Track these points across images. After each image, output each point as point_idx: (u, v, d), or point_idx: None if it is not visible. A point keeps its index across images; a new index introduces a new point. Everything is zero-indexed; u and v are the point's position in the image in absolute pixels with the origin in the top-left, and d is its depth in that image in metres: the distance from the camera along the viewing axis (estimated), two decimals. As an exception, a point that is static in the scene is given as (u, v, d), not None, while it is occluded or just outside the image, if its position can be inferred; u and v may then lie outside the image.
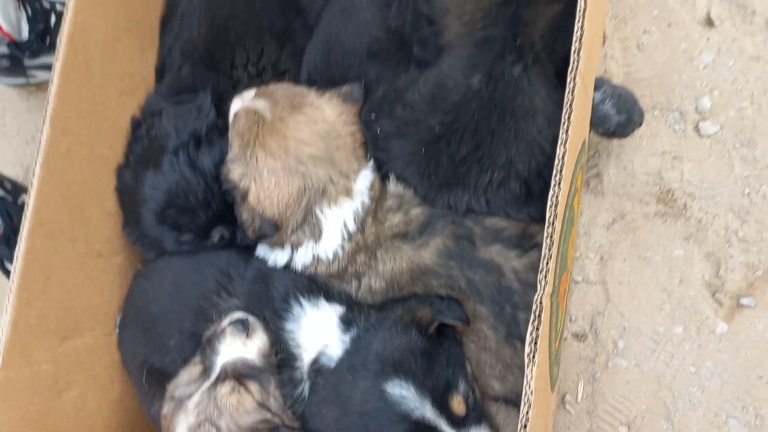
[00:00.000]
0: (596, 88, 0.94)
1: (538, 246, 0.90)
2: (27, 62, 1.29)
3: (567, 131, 0.73)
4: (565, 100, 0.72)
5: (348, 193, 0.95)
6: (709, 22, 1.08)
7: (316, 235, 0.96)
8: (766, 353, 1.01)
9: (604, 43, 1.12)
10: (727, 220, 1.04)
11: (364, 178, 0.95)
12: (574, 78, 0.73)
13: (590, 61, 0.82)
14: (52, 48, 1.31)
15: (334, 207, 0.95)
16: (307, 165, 0.93)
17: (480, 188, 0.89)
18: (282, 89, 0.97)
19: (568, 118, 0.72)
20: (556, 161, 0.72)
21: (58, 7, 1.28)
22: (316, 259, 0.97)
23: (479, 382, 0.92)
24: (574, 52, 0.74)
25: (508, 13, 0.88)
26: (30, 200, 0.90)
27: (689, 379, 1.03)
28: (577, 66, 0.73)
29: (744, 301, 1.02)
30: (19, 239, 0.90)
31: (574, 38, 0.74)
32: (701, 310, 1.04)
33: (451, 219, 0.93)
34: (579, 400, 1.08)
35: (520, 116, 0.86)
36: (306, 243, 0.97)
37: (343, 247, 0.95)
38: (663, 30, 1.10)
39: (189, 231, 1.00)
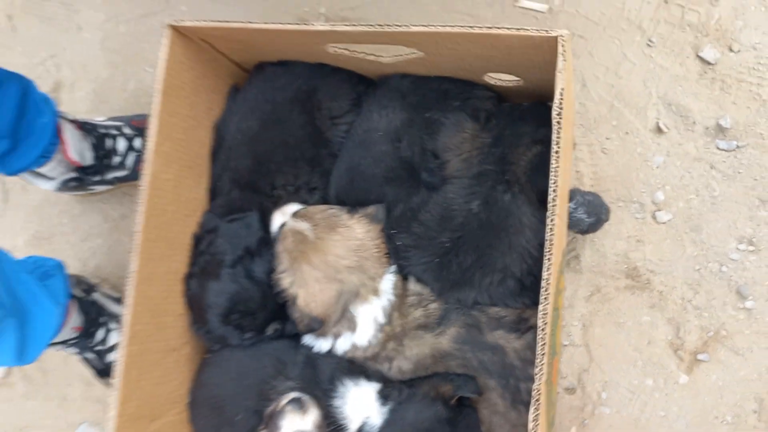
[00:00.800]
0: (570, 198, 1.19)
1: (532, 328, 1.13)
2: (89, 181, 1.52)
3: (551, 243, 0.96)
4: (547, 222, 0.95)
5: (376, 293, 1.18)
6: (659, 130, 1.33)
7: (353, 327, 1.19)
8: (719, 398, 1.26)
9: (574, 148, 1.37)
10: (682, 291, 1.29)
11: (388, 280, 1.19)
12: (554, 201, 0.96)
13: (564, 183, 1.07)
14: (110, 170, 1.55)
15: (366, 305, 1.18)
16: (342, 273, 1.17)
17: (483, 287, 1.13)
18: (320, 212, 1.20)
19: (552, 248, 0.95)
20: (544, 273, 0.95)
21: (114, 132, 1.51)
22: (354, 347, 1.20)
23: (492, 441, 1.15)
24: (553, 183, 0.97)
25: (497, 153, 1.13)
26: (126, 317, 1.12)
27: (659, 422, 1.28)
28: (556, 193, 0.96)
29: (700, 356, 1.27)
30: (119, 348, 1.12)
31: (551, 173, 0.97)
32: (666, 365, 1.29)
33: (462, 311, 1.16)
34: (572, 443, 1.32)
35: (512, 232, 1.10)
36: (345, 334, 1.20)
37: (375, 337, 1.19)
38: (621, 137, 1.35)
39: (250, 330, 1.23)
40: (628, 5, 1.37)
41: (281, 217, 1.25)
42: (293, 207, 1.26)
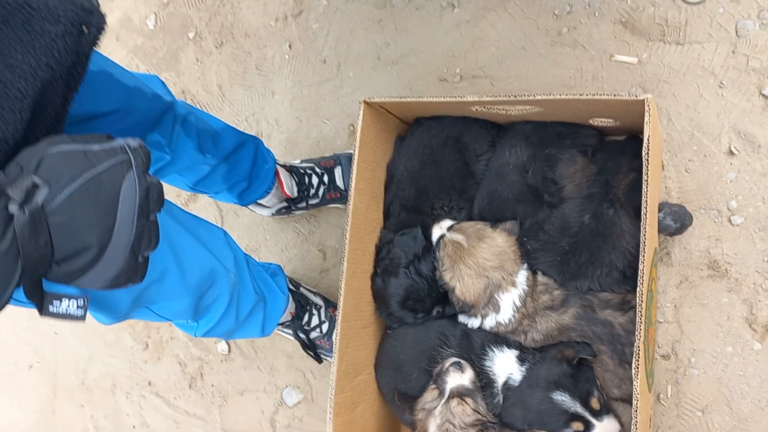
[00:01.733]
0: (659, 209, 1.59)
1: (633, 308, 1.54)
2: (293, 208, 2.07)
3: (644, 245, 1.37)
4: (641, 239, 1.37)
5: (514, 284, 1.62)
6: (731, 153, 1.70)
7: (497, 309, 1.63)
8: (787, 361, 1.61)
9: (663, 169, 1.76)
10: (754, 277, 1.65)
11: (522, 275, 1.63)
12: (645, 214, 1.37)
13: (653, 199, 1.47)
14: (308, 198, 2.09)
15: (506, 293, 1.61)
16: (488, 271, 1.61)
17: (595, 277, 1.55)
18: (470, 227, 1.66)
19: (645, 250, 1.36)
20: (639, 266, 1.36)
21: (309, 171, 2.05)
22: (497, 323, 1.65)
23: (605, 391, 1.57)
24: (644, 201, 1.38)
25: (602, 179, 1.55)
26: (340, 306, 1.62)
27: (738, 379, 1.64)
28: (647, 208, 1.37)
29: (770, 328, 1.63)
30: (337, 327, 1.63)
31: (643, 194, 1.38)
32: (743, 336, 1.64)
33: (579, 296, 1.59)
34: (669, 397, 1.70)
35: (615, 237, 1.52)
36: (490, 314, 1.64)
37: (513, 316, 1.62)
38: (701, 159, 1.72)
39: (420, 312, 1.71)
40: (702, 56, 1.75)
41: (439, 230, 1.72)
42: (447, 222, 1.73)
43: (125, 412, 2.44)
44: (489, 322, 1.66)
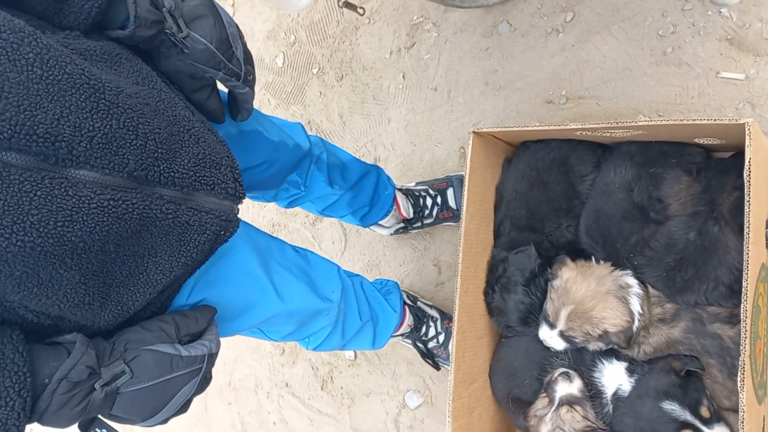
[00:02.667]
0: (767, 226, 1.62)
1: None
2: (409, 228, 2.26)
3: (747, 262, 1.42)
4: (744, 256, 1.42)
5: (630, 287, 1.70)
6: None
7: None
8: None
9: (774, 183, 1.77)
10: None
11: (631, 279, 1.70)
12: (749, 233, 1.42)
13: (757, 217, 1.51)
14: (423, 218, 2.27)
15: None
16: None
17: (701, 292, 1.60)
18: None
19: (747, 266, 1.42)
20: (742, 283, 1.42)
21: (423, 193, 2.24)
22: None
23: (715, 401, 1.61)
24: (747, 219, 1.43)
25: (707, 198, 1.60)
26: (455, 320, 1.77)
27: None
28: (749, 227, 1.42)
29: None
30: (452, 339, 1.79)
31: (745, 213, 1.43)
32: None
33: (689, 309, 1.65)
34: (787, 410, 1.71)
35: (721, 253, 1.57)
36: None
37: (639, 321, 1.70)
38: (815, 172, 1.72)
39: (535, 324, 1.83)
40: (815, 68, 1.75)
41: (561, 271, 1.80)
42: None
43: (267, 410, 2.74)
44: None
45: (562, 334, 1.70)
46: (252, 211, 2.84)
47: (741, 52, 1.85)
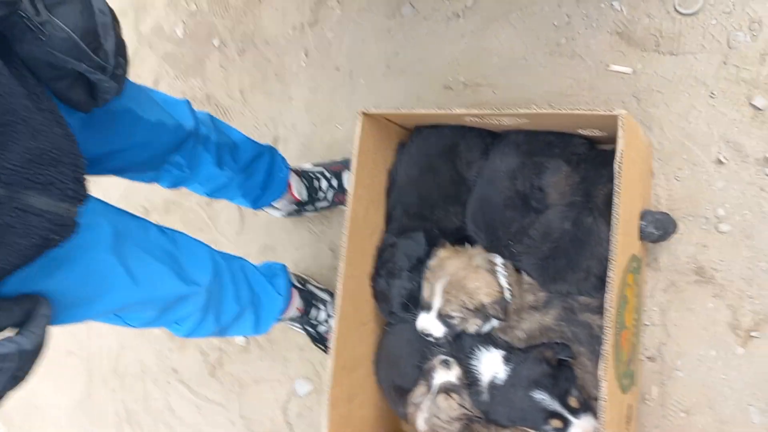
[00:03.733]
0: (642, 218, 1.64)
1: (613, 311, 1.60)
2: (303, 210, 2.20)
3: (613, 260, 1.44)
4: (612, 246, 1.43)
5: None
6: (720, 162, 1.73)
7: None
8: (769, 367, 1.64)
9: (653, 177, 1.80)
10: (739, 284, 1.68)
11: (498, 259, 1.70)
12: (617, 223, 1.44)
13: (628, 208, 1.53)
14: (317, 200, 2.21)
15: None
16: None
17: (573, 282, 1.62)
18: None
19: (614, 256, 1.43)
20: (608, 274, 1.43)
21: (318, 175, 2.17)
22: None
23: (585, 390, 1.63)
24: (615, 212, 1.45)
25: (583, 188, 1.61)
26: (337, 304, 1.72)
27: (721, 382, 1.68)
28: (618, 218, 1.43)
29: (753, 333, 1.66)
30: (334, 325, 1.73)
31: (614, 204, 1.44)
32: (726, 340, 1.68)
33: (561, 298, 1.66)
34: (654, 397, 1.76)
35: (593, 244, 1.58)
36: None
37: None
38: (690, 167, 1.76)
39: (417, 310, 1.81)
40: (695, 67, 1.78)
41: (436, 256, 1.79)
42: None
43: (153, 397, 2.63)
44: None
45: (440, 315, 1.68)
46: (144, 188, 2.71)
47: (630, 47, 1.87)
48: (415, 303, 1.78)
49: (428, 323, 1.72)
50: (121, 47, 1.27)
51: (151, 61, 2.74)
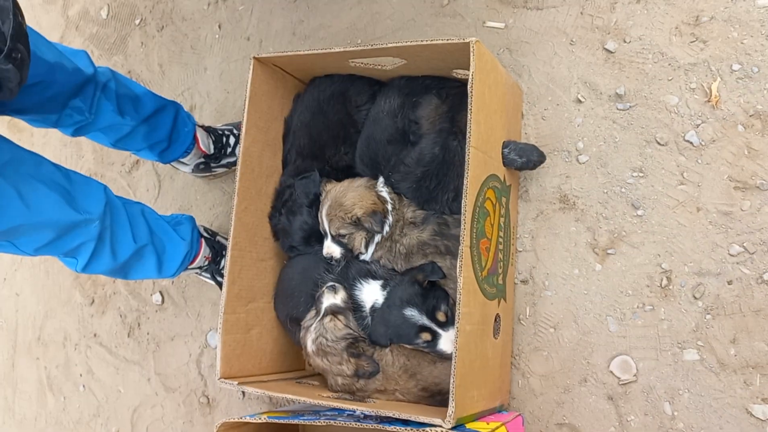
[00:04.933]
0: (504, 146, 1.81)
1: (481, 229, 1.75)
2: (212, 165, 2.32)
3: (468, 170, 1.59)
4: (466, 157, 1.59)
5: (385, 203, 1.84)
6: (579, 101, 1.92)
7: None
8: (623, 279, 1.79)
9: (522, 117, 1.98)
10: (596, 208, 1.85)
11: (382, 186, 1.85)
12: (469, 137, 1.60)
13: (486, 129, 1.69)
14: (224, 156, 2.34)
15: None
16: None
17: (443, 201, 1.77)
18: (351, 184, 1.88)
19: (468, 166, 1.58)
20: (464, 184, 1.58)
21: (227, 132, 2.31)
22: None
23: (455, 306, 1.76)
24: (469, 130, 1.60)
25: (449, 116, 1.78)
26: (231, 235, 1.85)
27: (583, 297, 1.83)
28: (470, 135, 1.59)
29: (609, 251, 1.82)
30: (226, 255, 1.85)
31: (468, 120, 1.60)
32: (587, 259, 1.84)
33: (436, 215, 1.81)
34: (527, 316, 1.90)
35: (458, 165, 1.74)
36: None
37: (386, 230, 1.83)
38: (554, 107, 1.95)
39: (317, 243, 1.93)
40: (557, 19, 1.98)
41: (326, 189, 1.93)
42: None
43: (74, 362, 2.68)
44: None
45: (333, 237, 1.82)
46: (70, 162, 2.81)
47: (502, 4, 2.07)
48: (317, 236, 1.90)
49: (329, 248, 1.85)
50: (20, 35, 1.34)
51: (77, 42, 2.87)
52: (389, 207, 1.80)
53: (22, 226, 1.56)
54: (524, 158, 1.82)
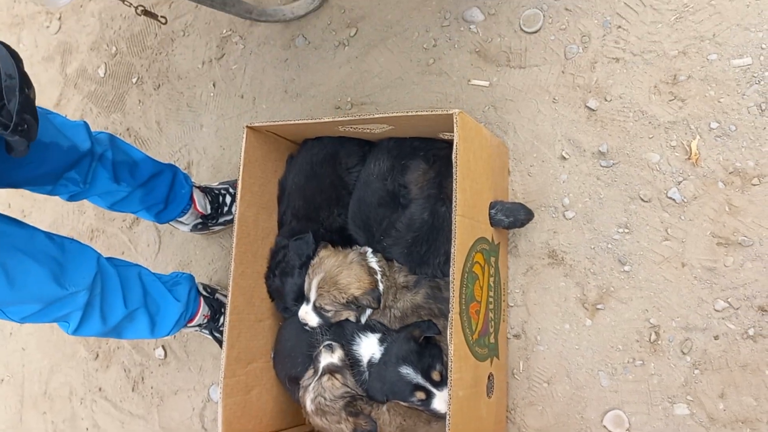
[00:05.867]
0: (491, 207, 1.85)
1: (472, 290, 1.80)
2: (209, 224, 2.38)
3: (455, 238, 1.64)
4: (452, 227, 1.64)
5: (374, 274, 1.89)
6: (563, 158, 1.97)
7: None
8: (613, 333, 1.83)
9: (509, 174, 2.03)
10: (584, 263, 1.90)
11: (368, 250, 1.90)
12: (455, 206, 1.65)
13: (470, 196, 1.74)
14: (221, 215, 2.40)
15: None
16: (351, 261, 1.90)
17: (435, 265, 1.82)
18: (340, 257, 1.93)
19: (455, 234, 1.63)
20: (452, 252, 1.63)
21: (223, 191, 2.37)
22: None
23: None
24: (454, 198, 1.65)
25: (437, 182, 1.83)
26: (229, 300, 1.90)
27: (575, 352, 1.87)
28: (456, 203, 1.64)
29: (599, 306, 1.86)
30: (226, 319, 1.91)
31: (453, 189, 1.65)
32: (577, 314, 1.88)
33: (428, 279, 1.86)
34: (521, 371, 1.94)
35: (447, 230, 1.78)
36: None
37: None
38: (540, 164, 2.00)
39: (307, 305, 1.98)
40: (540, 77, 2.04)
41: (318, 255, 1.98)
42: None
43: (80, 416, 2.72)
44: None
45: (315, 307, 1.86)
46: (72, 218, 2.87)
47: (486, 63, 2.12)
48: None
49: (305, 314, 1.90)
50: (26, 106, 1.40)
51: (76, 100, 2.94)
52: (379, 276, 1.84)
53: (5, 301, 1.61)
54: (511, 218, 1.86)
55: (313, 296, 1.86)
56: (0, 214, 1.61)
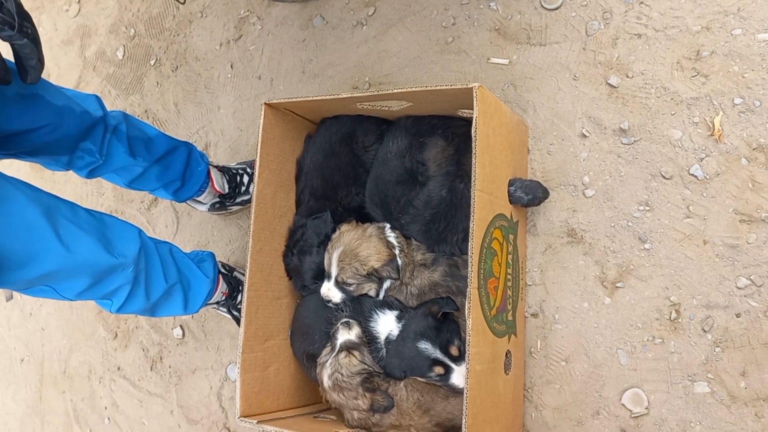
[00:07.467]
0: (510, 184, 1.84)
1: (490, 267, 1.79)
2: (227, 204, 2.39)
3: (474, 213, 1.63)
4: (471, 201, 1.63)
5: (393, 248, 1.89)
6: (583, 135, 1.95)
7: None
8: (632, 312, 1.82)
9: (529, 152, 2.02)
10: (604, 241, 1.88)
11: (387, 228, 1.89)
12: (475, 181, 1.64)
13: (490, 172, 1.73)
14: (239, 195, 2.41)
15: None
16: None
17: (453, 242, 1.81)
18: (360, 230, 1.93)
19: (474, 209, 1.62)
20: (471, 226, 1.62)
21: (240, 171, 2.37)
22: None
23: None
24: (474, 173, 1.65)
25: (456, 158, 1.82)
26: (247, 276, 1.91)
27: (594, 331, 1.86)
28: (476, 178, 1.63)
29: (618, 285, 1.85)
30: (243, 294, 1.91)
31: (472, 164, 1.64)
32: (596, 292, 1.87)
33: (446, 257, 1.85)
34: (539, 350, 1.93)
35: (465, 206, 1.78)
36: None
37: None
38: (560, 142, 1.98)
39: (327, 282, 1.99)
40: (560, 54, 2.02)
41: (338, 230, 1.98)
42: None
43: (99, 395, 2.75)
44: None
45: (337, 282, 1.86)
46: (91, 199, 2.89)
47: (506, 41, 2.11)
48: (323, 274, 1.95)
49: (328, 291, 1.90)
50: (22, 13, 1.38)
51: (95, 82, 2.96)
52: (397, 252, 1.84)
53: (62, 271, 1.62)
54: (530, 195, 1.85)
55: (334, 271, 1.86)
56: (42, 190, 1.62)
